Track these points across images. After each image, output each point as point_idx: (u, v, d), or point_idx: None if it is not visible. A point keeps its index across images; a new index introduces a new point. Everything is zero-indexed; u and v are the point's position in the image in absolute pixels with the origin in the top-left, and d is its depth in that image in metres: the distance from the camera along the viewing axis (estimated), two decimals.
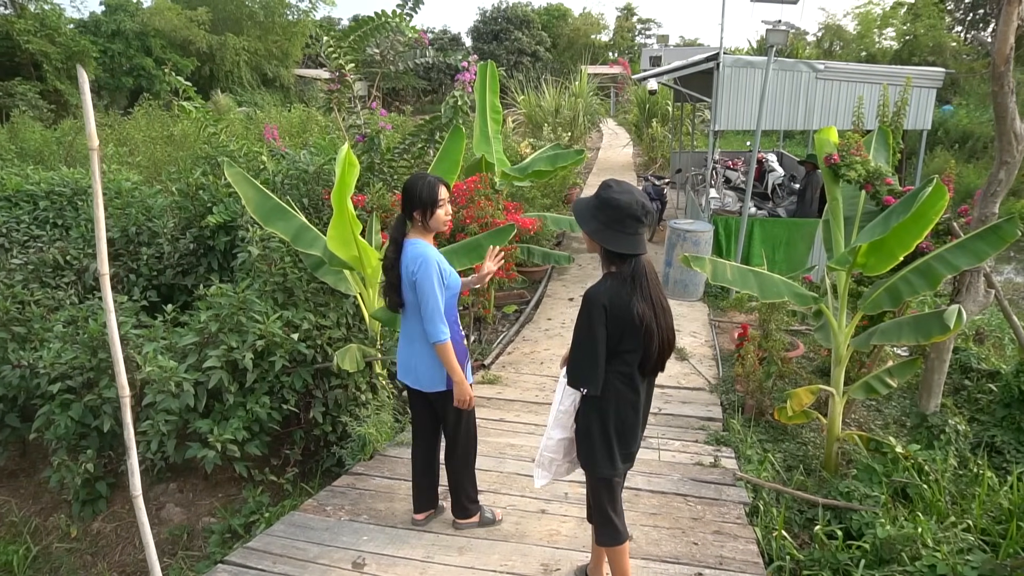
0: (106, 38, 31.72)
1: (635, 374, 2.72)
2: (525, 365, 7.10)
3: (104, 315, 5.47)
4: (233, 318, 5.15)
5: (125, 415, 2.41)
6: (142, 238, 7.31)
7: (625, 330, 2.62)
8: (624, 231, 2.59)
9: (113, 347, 2.42)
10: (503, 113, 21.69)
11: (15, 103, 23.98)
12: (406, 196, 3.20)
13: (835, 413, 4.92)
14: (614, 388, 2.72)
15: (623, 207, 2.57)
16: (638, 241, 2.62)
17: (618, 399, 2.74)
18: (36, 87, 26.45)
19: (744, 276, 4.48)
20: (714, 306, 9.10)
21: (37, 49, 27.04)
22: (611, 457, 2.80)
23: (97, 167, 2.40)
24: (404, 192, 3.22)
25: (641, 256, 2.63)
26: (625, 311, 2.59)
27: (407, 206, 3.22)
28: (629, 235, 2.60)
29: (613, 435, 2.77)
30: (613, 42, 58.55)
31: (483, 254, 5.23)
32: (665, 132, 19.85)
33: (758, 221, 9.47)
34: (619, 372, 2.70)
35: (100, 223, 2.49)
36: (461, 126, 5.46)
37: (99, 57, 30.39)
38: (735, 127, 9.16)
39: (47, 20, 27.99)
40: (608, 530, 2.91)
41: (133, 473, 2.50)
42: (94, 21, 32.60)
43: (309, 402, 5.55)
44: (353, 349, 5.24)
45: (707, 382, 6.61)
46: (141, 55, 32.58)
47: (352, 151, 7.65)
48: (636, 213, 2.58)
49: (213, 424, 5.08)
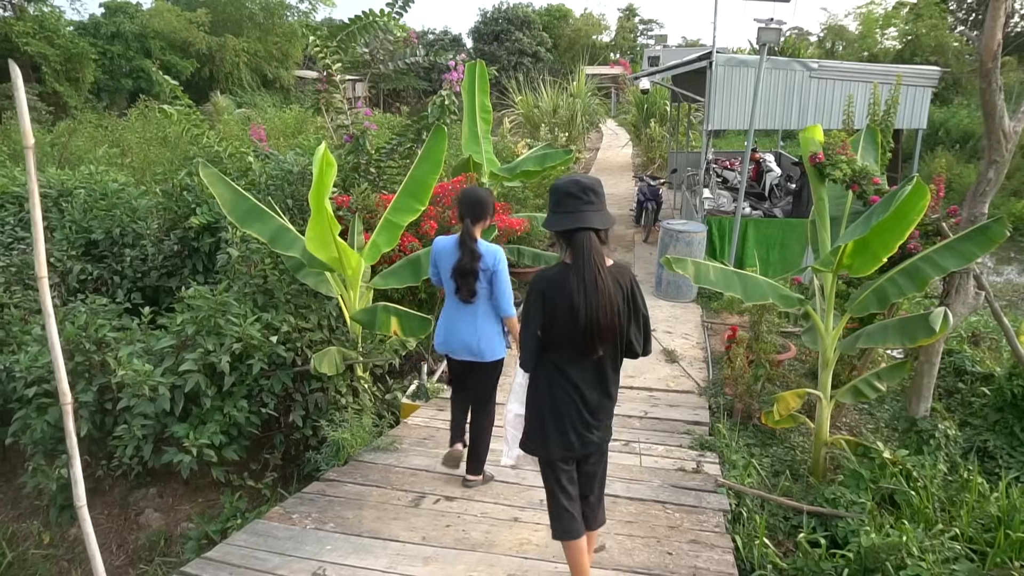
0: (105, 40, 31.68)
1: (572, 359, 2.69)
2: (512, 368, 6.99)
3: (82, 317, 5.44)
4: (210, 320, 5.07)
5: (67, 423, 2.33)
6: (127, 240, 7.24)
7: (557, 316, 2.64)
8: (561, 210, 2.63)
9: (53, 351, 2.34)
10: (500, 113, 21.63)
11: (13, 106, 23.98)
12: (480, 206, 3.75)
13: (823, 418, 4.83)
14: (547, 371, 2.75)
15: (559, 188, 2.65)
16: (576, 217, 2.59)
17: (550, 382, 2.75)
18: (35, 89, 26.41)
19: (728, 278, 4.39)
20: (707, 307, 9.00)
21: (36, 51, 27.02)
22: (544, 440, 2.80)
23: (32, 165, 2.32)
24: (480, 202, 3.76)
25: (582, 232, 2.59)
26: (561, 297, 2.61)
27: (480, 213, 3.76)
28: (566, 212, 2.62)
29: (547, 418, 2.78)
30: (614, 43, 58.43)
31: None
32: (663, 132, 19.75)
33: (752, 221, 9.37)
34: (553, 357, 2.72)
35: (37, 224, 2.41)
36: (443, 125, 5.37)
37: (98, 59, 30.37)
38: (729, 127, 9.06)
39: (46, 22, 27.98)
40: (552, 522, 2.89)
41: (77, 483, 2.42)
42: (93, 23, 32.58)
43: (289, 406, 5.47)
44: (333, 352, 5.16)
45: (696, 385, 6.52)
46: (140, 57, 32.52)
47: (334, 151, 7.60)
48: (571, 190, 2.62)
49: (190, 428, 5.00)
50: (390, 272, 5.40)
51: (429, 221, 6.31)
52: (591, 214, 2.60)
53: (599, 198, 2.65)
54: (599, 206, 2.63)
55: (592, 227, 2.60)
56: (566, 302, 2.59)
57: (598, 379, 2.76)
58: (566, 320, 2.61)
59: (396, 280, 5.31)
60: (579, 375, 2.72)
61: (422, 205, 5.34)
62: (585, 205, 2.60)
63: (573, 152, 7.69)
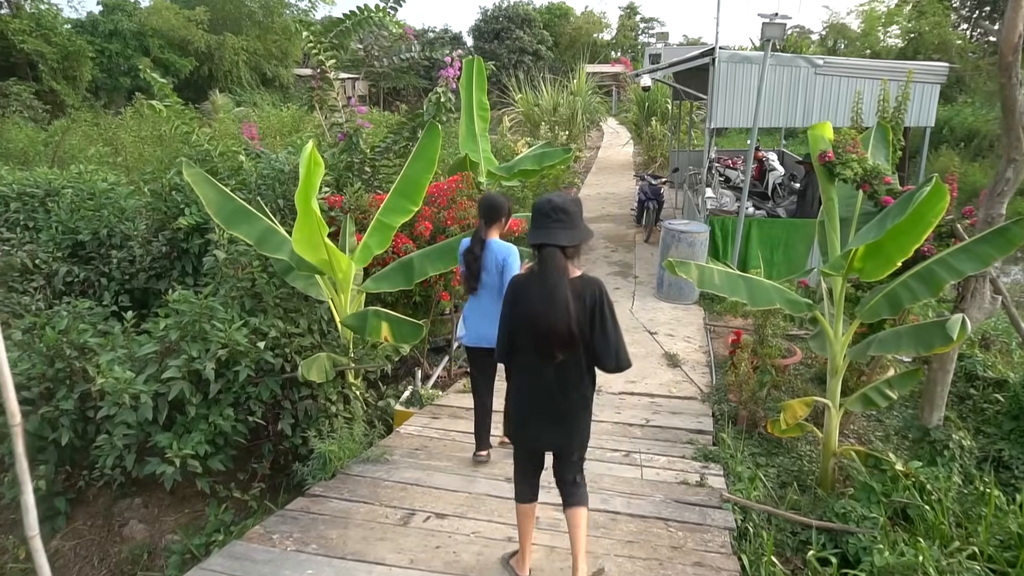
0: (103, 38, 31.49)
1: (535, 362, 2.91)
2: None
3: (63, 322, 5.25)
4: (195, 326, 4.89)
5: (16, 446, 2.13)
6: (114, 241, 7.06)
7: (520, 320, 2.92)
8: (535, 226, 2.85)
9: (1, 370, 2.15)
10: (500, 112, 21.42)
11: (9, 104, 23.79)
12: (496, 209, 4.21)
13: (831, 427, 4.63)
14: (517, 372, 3.06)
15: (535, 207, 2.89)
16: (544, 233, 2.80)
17: (519, 382, 3.08)
18: (31, 87, 26.19)
19: (733, 282, 4.20)
20: (710, 310, 8.80)
21: (32, 49, 26.79)
22: (515, 429, 3.20)
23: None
24: (495, 206, 4.21)
25: (547, 247, 2.79)
26: (525, 302, 2.88)
27: (496, 216, 4.21)
28: (537, 228, 2.83)
29: (515, 412, 3.14)
30: (616, 41, 58.24)
31: (456, 258, 4.95)
32: (665, 130, 19.55)
33: (756, 221, 9.17)
34: (520, 359, 3.00)
35: None
36: (436, 123, 5.18)
37: (96, 57, 30.17)
38: (731, 125, 8.87)
39: (43, 20, 27.76)
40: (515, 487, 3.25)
41: (28, 511, 2.23)
42: (91, 21, 32.40)
43: (278, 413, 5.28)
44: (322, 358, 4.97)
45: (699, 391, 6.32)
46: (139, 55, 32.32)
47: (327, 150, 7.42)
48: (543, 209, 2.83)
49: (174, 438, 4.82)
50: (382, 275, 5.20)
51: (424, 222, 6.12)
52: (558, 231, 2.78)
53: (569, 217, 2.81)
54: (568, 224, 2.80)
55: (557, 244, 2.78)
56: (527, 308, 2.86)
57: (561, 384, 2.92)
58: (527, 325, 2.86)
59: (388, 284, 5.12)
60: (543, 378, 2.92)
61: (415, 205, 5.15)
62: (554, 223, 2.79)
63: (572, 150, 7.49)
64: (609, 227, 13.11)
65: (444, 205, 6.42)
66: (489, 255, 4.14)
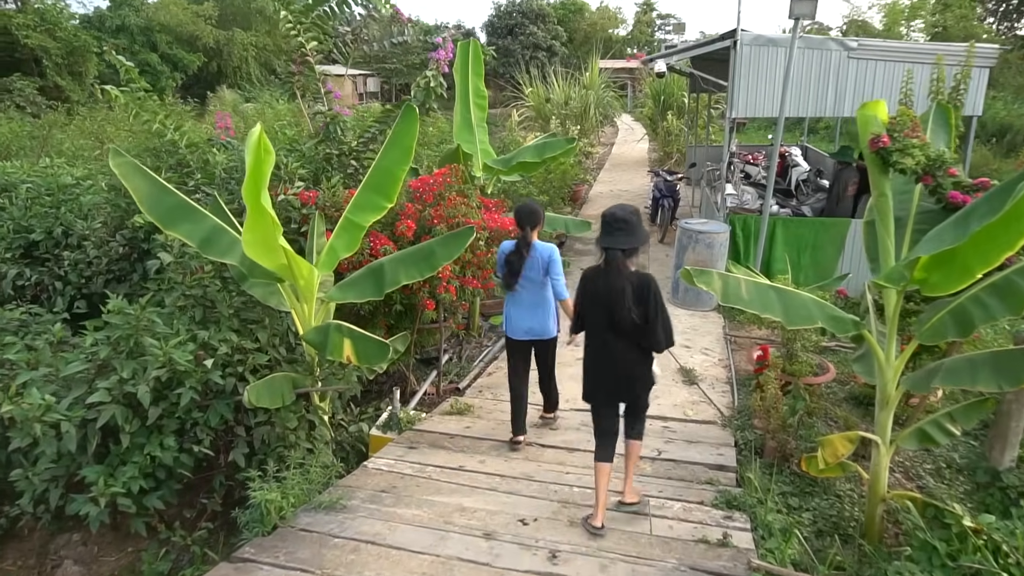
0: (110, 33, 31.12)
1: (601, 335, 3.68)
2: (505, 389, 6.03)
3: None
4: (130, 341, 4.19)
5: None
6: (71, 240, 6.39)
7: (588, 301, 3.69)
8: (603, 232, 3.63)
9: None
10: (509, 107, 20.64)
11: (12, 99, 23.40)
12: (537, 214, 4.63)
13: (880, 467, 3.86)
14: (589, 342, 3.77)
15: (604, 217, 3.67)
16: (609, 239, 3.60)
17: (590, 351, 3.76)
18: (35, 83, 25.82)
19: (763, 295, 3.43)
20: (731, 317, 8.01)
21: (37, 44, 26.43)
22: (588, 389, 3.86)
23: None
24: (535, 212, 4.63)
25: (611, 250, 3.59)
26: (593, 288, 3.65)
27: (537, 220, 4.63)
28: (604, 234, 3.63)
29: (589, 375, 3.82)
30: (631, 36, 57.26)
31: (435, 263, 4.23)
32: (681, 125, 18.70)
33: (781, 221, 8.36)
34: (591, 332, 3.74)
35: None
36: (413, 105, 4.45)
37: (102, 52, 29.77)
38: (754, 114, 8.07)
39: (47, 15, 27.39)
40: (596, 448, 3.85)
41: None
42: (98, 16, 32.09)
43: (230, 441, 4.59)
44: (278, 379, 4.26)
45: (719, 413, 5.55)
46: (146, 51, 31.96)
47: (304, 142, 6.71)
48: (609, 220, 3.64)
49: (106, 471, 4.14)
50: (348, 283, 4.48)
51: (406, 220, 5.40)
52: (620, 237, 3.59)
53: (629, 226, 3.61)
54: (628, 232, 3.58)
55: (619, 247, 3.58)
56: (595, 293, 3.62)
57: (623, 352, 3.65)
58: (595, 305, 3.62)
59: (354, 292, 4.39)
60: (609, 348, 3.64)
61: (388, 201, 4.43)
62: (617, 231, 3.60)
63: (576, 140, 6.75)
64: None
65: (431, 201, 5.69)
66: (534, 255, 4.62)
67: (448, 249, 4.26)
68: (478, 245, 5.79)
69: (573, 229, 7.71)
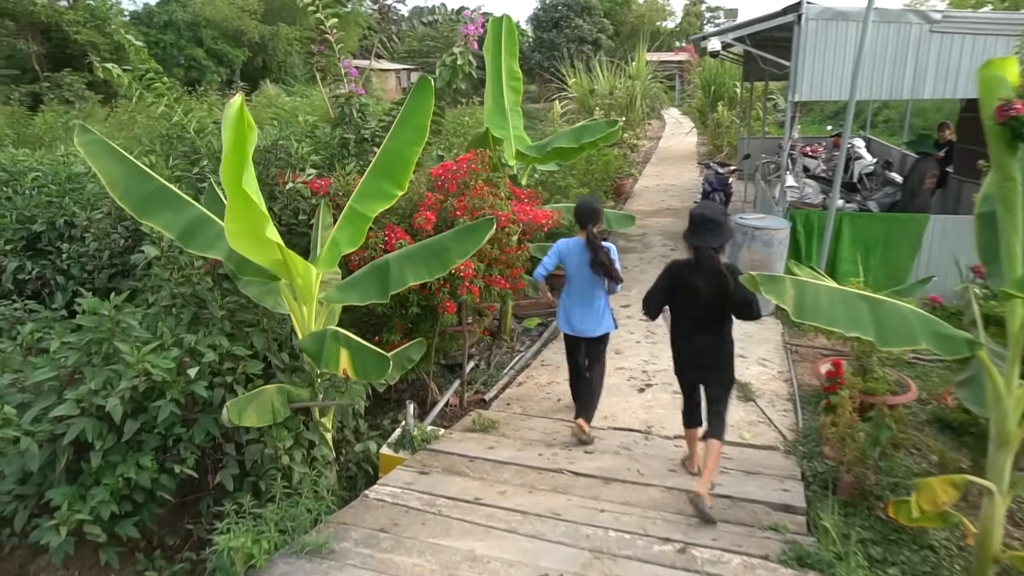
0: (158, 29, 31.43)
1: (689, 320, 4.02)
2: (536, 402, 5.44)
3: None
4: (102, 346, 3.69)
5: None
6: (74, 232, 5.98)
7: (680, 290, 3.96)
8: (692, 232, 3.83)
9: None
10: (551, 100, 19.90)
11: (62, 94, 23.68)
12: (597, 212, 4.67)
13: (993, 520, 3.11)
14: (677, 326, 4.11)
15: (693, 217, 3.86)
16: (699, 238, 3.79)
17: (678, 334, 4.11)
18: (85, 78, 26.13)
19: (852, 308, 2.72)
20: (790, 323, 7.20)
21: (86, 40, 26.82)
22: (677, 367, 4.23)
23: None
24: (595, 210, 4.65)
25: (699, 247, 3.79)
26: (685, 279, 3.91)
27: (597, 217, 4.66)
28: (693, 233, 3.82)
29: (677, 355, 4.18)
30: (680, 29, 55.82)
31: (448, 261, 3.61)
32: (732, 117, 17.73)
33: (848, 216, 7.52)
34: (679, 317, 4.09)
35: None
36: (429, 77, 3.86)
37: (150, 48, 30.01)
38: (820, 97, 7.23)
39: (97, 11, 27.77)
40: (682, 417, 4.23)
41: None
42: (147, 12, 32.43)
43: (219, 460, 4.06)
44: (269, 393, 3.71)
45: (781, 436, 4.82)
46: (192, 46, 32.19)
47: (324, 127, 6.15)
48: (698, 220, 3.81)
49: (78, 492, 3.66)
50: (349, 283, 3.89)
51: (425, 212, 4.79)
52: (709, 236, 3.77)
53: (716, 225, 3.79)
54: (716, 230, 3.77)
55: (709, 245, 3.77)
56: (688, 283, 3.88)
57: (711, 335, 3.97)
58: (687, 294, 3.90)
59: (356, 294, 3.79)
60: (697, 331, 3.99)
61: (399, 188, 3.82)
62: (706, 231, 3.78)
63: (619, 124, 6.05)
64: (668, 222, 11.54)
65: (454, 191, 5.07)
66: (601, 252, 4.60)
67: (463, 244, 3.63)
68: (508, 241, 5.16)
69: (616, 224, 7.02)
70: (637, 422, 5.07)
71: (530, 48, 47.74)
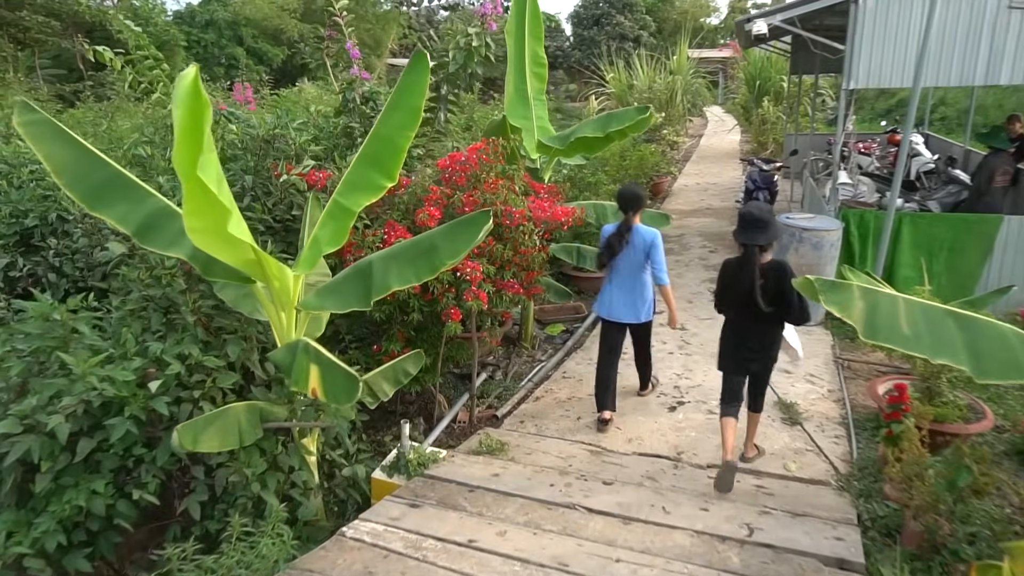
0: (199, 28, 31.77)
1: (737, 315, 4.13)
2: (553, 420, 4.89)
3: None
4: (49, 355, 3.27)
5: None
6: (67, 227, 5.65)
7: (727, 287, 4.11)
8: (741, 229, 3.94)
9: None
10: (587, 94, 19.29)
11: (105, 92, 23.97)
12: (640, 199, 4.67)
13: None
14: (727, 321, 4.23)
15: (742, 216, 3.96)
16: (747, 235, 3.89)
17: (727, 328, 4.22)
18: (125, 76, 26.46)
19: (937, 327, 2.11)
20: (840, 334, 6.52)
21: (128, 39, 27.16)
22: (723, 359, 4.25)
23: None
24: (639, 197, 4.65)
25: (747, 245, 3.90)
26: (732, 276, 4.04)
27: (640, 204, 4.66)
28: (742, 231, 3.92)
29: (724, 348, 4.24)
30: (724, 25, 54.47)
31: (437, 262, 3.09)
32: (778, 112, 16.87)
33: (909, 217, 6.78)
34: (728, 312, 4.21)
35: None
36: (424, 51, 3.34)
37: (191, 47, 30.39)
38: (879, 84, 6.51)
39: (140, 10, 28.11)
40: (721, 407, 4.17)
41: None
42: (189, 11, 32.83)
43: (186, 484, 3.61)
44: (236, 412, 3.24)
45: (832, 468, 4.18)
46: (233, 45, 32.47)
47: None
48: (747, 218, 3.91)
49: (25, 518, 3.26)
50: (328, 288, 3.38)
51: (430, 208, 4.28)
52: (757, 234, 3.87)
53: (765, 223, 3.88)
54: (764, 229, 3.87)
55: (756, 243, 3.87)
56: (733, 279, 4.01)
57: (757, 330, 4.07)
58: (733, 290, 4.03)
59: (335, 300, 3.28)
60: (744, 327, 4.11)
61: (388, 179, 3.31)
62: (754, 228, 3.88)
63: (650, 110, 5.45)
64: (707, 222, 10.86)
65: (463, 184, 4.55)
66: (637, 238, 4.58)
67: (454, 243, 3.09)
68: (523, 241, 4.62)
69: (649, 222, 6.40)
70: (666, 447, 4.48)
71: (570, 46, 47.06)
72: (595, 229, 7.90)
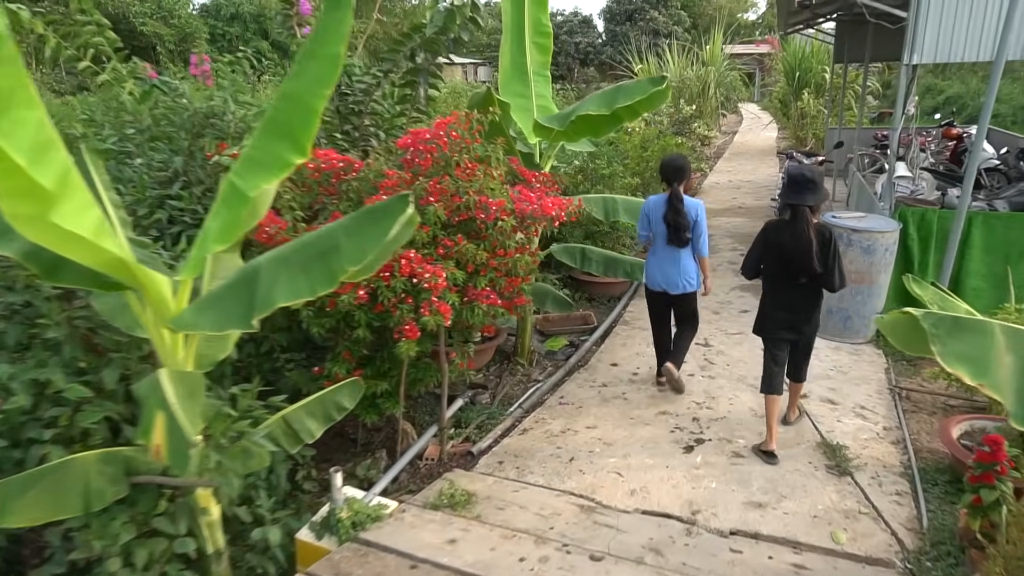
0: (225, 21, 31.47)
1: (782, 281, 4.00)
2: (540, 461, 3.97)
3: None
4: None
5: None
6: None
7: (772, 251, 3.97)
8: (790, 190, 3.90)
9: None
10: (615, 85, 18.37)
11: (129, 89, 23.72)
12: (684, 169, 4.58)
13: None
14: (769, 286, 4.11)
15: (792, 176, 3.93)
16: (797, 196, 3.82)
17: (770, 294, 4.10)
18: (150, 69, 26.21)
19: None
20: (895, 355, 5.49)
21: (151, 31, 26.99)
22: (761, 323, 4.16)
23: None
24: (683, 167, 4.57)
25: (795, 205, 3.83)
26: (777, 240, 3.92)
27: (684, 175, 4.59)
28: (791, 192, 3.88)
29: (767, 315, 4.10)
30: (762, 21, 52.82)
31: (336, 266, 2.18)
32: (819, 106, 15.67)
33: (981, 217, 5.72)
34: (771, 278, 4.07)
35: None
36: None
37: (215, 40, 30.11)
38: (949, 58, 5.46)
39: (163, 3, 27.91)
40: (763, 381, 4.11)
41: None
42: (215, 5, 32.55)
43: (41, 549, 2.79)
44: (81, 465, 2.40)
45: (894, 542, 3.20)
46: (258, 38, 32.06)
47: None
48: (798, 180, 3.86)
49: None
50: (210, 299, 2.50)
51: (382, 197, 3.39)
52: (807, 195, 3.82)
53: (815, 185, 3.84)
54: (814, 190, 3.83)
55: (806, 204, 3.82)
56: (778, 244, 3.92)
57: (800, 295, 3.98)
58: (778, 255, 3.94)
59: (213, 317, 2.36)
60: (786, 292, 4.01)
61: (299, 154, 2.42)
62: (805, 189, 3.83)
63: (667, 79, 4.49)
64: (739, 222, 9.81)
65: (428, 167, 3.66)
66: (684, 208, 4.53)
67: (359, 239, 2.15)
68: (504, 241, 3.72)
69: None
70: (678, 503, 3.53)
71: (602, 43, 45.91)
72: (608, 228, 6.99)
